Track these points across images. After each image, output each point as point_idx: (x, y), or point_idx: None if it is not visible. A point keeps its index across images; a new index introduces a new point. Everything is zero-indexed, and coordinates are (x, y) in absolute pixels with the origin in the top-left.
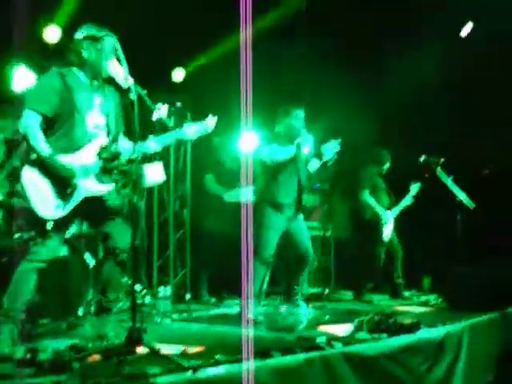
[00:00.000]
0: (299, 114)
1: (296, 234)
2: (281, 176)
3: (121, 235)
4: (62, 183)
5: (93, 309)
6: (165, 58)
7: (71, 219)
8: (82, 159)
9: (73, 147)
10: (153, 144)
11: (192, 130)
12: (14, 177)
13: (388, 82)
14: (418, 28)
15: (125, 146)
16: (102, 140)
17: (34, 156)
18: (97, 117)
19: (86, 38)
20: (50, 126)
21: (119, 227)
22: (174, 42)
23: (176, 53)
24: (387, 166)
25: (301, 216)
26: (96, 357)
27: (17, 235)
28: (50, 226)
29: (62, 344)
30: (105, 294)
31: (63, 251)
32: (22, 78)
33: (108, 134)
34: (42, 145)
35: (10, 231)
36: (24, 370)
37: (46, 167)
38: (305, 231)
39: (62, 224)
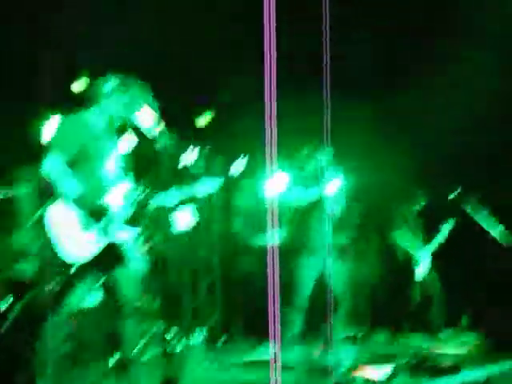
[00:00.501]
0: (326, 152)
1: (331, 276)
2: (311, 218)
3: (129, 286)
4: (92, 224)
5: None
6: (192, 100)
7: (95, 263)
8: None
9: (94, 193)
10: (172, 199)
11: (206, 187)
12: None
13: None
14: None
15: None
16: (125, 186)
17: (60, 199)
18: (118, 162)
19: (109, 86)
20: (71, 169)
21: (130, 277)
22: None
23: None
24: (422, 205)
25: (334, 258)
26: None
27: (51, 286)
28: (73, 270)
29: None
30: (121, 344)
31: (96, 300)
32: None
33: (126, 177)
34: (68, 188)
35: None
36: None
37: (75, 206)
38: (339, 274)
39: (88, 268)
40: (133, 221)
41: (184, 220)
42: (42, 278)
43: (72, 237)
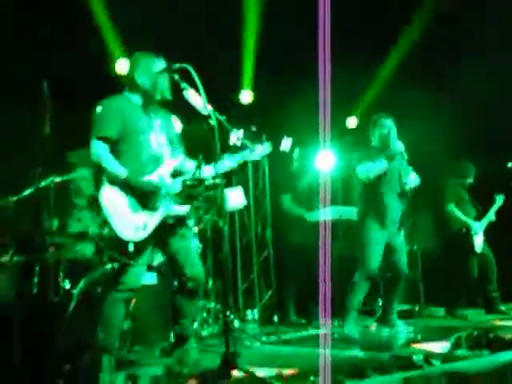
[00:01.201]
0: (388, 124)
1: (397, 250)
2: (380, 191)
3: (190, 263)
4: (143, 202)
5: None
6: (235, 81)
7: (150, 242)
8: (159, 179)
9: (141, 168)
10: (227, 163)
11: (258, 152)
12: None
13: (468, 90)
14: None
15: (189, 166)
16: (171, 160)
17: (110, 179)
18: (159, 137)
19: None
20: (116, 149)
21: (190, 254)
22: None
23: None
24: (471, 178)
25: (401, 232)
26: (193, 382)
27: (108, 265)
28: (131, 248)
29: (158, 370)
30: (177, 321)
31: (153, 279)
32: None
33: (172, 153)
34: (118, 168)
35: (102, 262)
36: None
37: (125, 187)
38: (404, 248)
39: (143, 247)
40: (191, 199)
41: (236, 198)
42: (101, 258)
43: (125, 218)
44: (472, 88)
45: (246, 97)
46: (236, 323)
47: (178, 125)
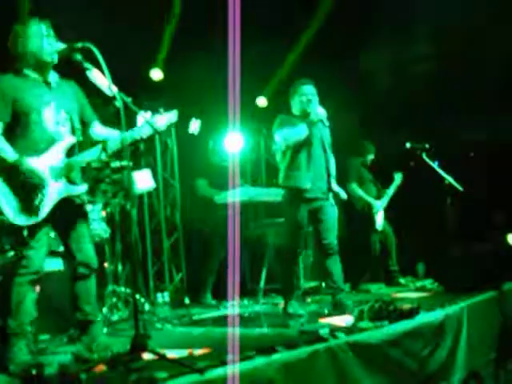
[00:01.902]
0: (309, 90)
1: (323, 222)
2: (301, 159)
3: (80, 248)
4: (32, 188)
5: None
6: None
7: (44, 225)
8: (51, 160)
9: (34, 148)
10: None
11: (162, 121)
12: None
13: (369, 71)
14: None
15: (103, 131)
16: (68, 139)
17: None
18: (55, 113)
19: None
20: (8, 131)
21: (80, 239)
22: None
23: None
24: (371, 156)
25: (330, 202)
26: (102, 367)
27: (10, 253)
28: (25, 233)
29: (66, 357)
30: (78, 308)
31: (58, 265)
32: None
33: (72, 130)
34: (5, 149)
35: (3, 250)
36: None
37: (13, 172)
38: (333, 219)
39: (37, 230)
40: (98, 183)
41: (144, 181)
42: (2, 246)
43: (16, 203)
44: (373, 68)
45: (156, 75)
46: (146, 307)
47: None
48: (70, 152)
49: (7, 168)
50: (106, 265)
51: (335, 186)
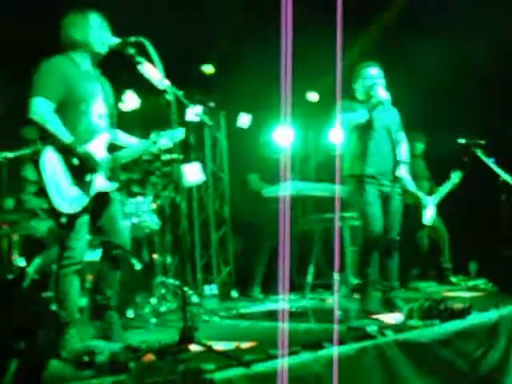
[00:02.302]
0: (373, 72)
1: (388, 216)
2: (363, 145)
3: (115, 231)
4: (81, 174)
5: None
6: (194, 56)
7: (84, 214)
8: (96, 152)
9: (80, 140)
10: (165, 140)
11: (164, 141)
12: None
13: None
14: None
15: (123, 137)
16: (107, 134)
17: (54, 144)
18: (100, 107)
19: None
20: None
21: (116, 222)
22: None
23: (207, 49)
24: (419, 147)
25: (397, 191)
26: (151, 356)
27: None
28: (63, 220)
29: (117, 346)
30: (100, 290)
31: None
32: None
33: (110, 126)
34: (61, 130)
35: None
36: (83, 372)
37: (67, 155)
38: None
39: (77, 219)
40: (148, 175)
41: (194, 174)
42: (55, 235)
43: (62, 189)
44: (430, 64)
45: (208, 69)
46: (194, 299)
47: (134, 100)
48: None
49: (63, 149)
50: (155, 256)
51: (403, 172)
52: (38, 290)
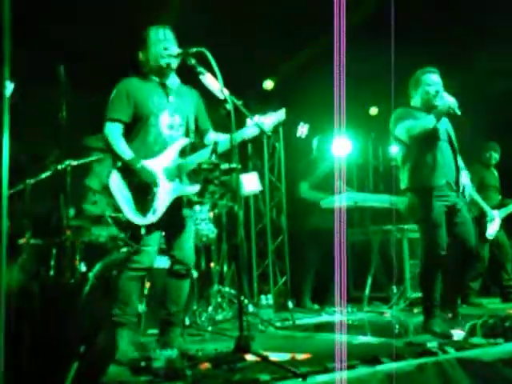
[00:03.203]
0: (435, 79)
1: (459, 225)
2: (428, 155)
3: (180, 245)
4: (146, 187)
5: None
6: (255, 67)
7: (159, 224)
8: (165, 162)
9: (149, 150)
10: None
11: (270, 120)
12: None
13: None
14: None
15: (220, 137)
16: (182, 140)
17: (119, 163)
18: (170, 118)
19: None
20: (128, 132)
21: (182, 236)
22: (263, 49)
23: (266, 61)
24: (495, 156)
25: (464, 200)
26: (207, 365)
27: (124, 249)
28: (143, 231)
29: (173, 353)
30: (165, 306)
31: (167, 263)
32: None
33: (187, 133)
34: (123, 149)
35: (118, 246)
36: (140, 377)
37: (130, 172)
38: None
39: (153, 229)
40: (207, 184)
41: (251, 183)
42: (116, 242)
43: (134, 203)
44: (497, 70)
45: (269, 85)
46: (250, 308)
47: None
48: (183, 154)
49: (125, 167)
50: (212, 265)
51: (466, 180)
52: (99, 295)
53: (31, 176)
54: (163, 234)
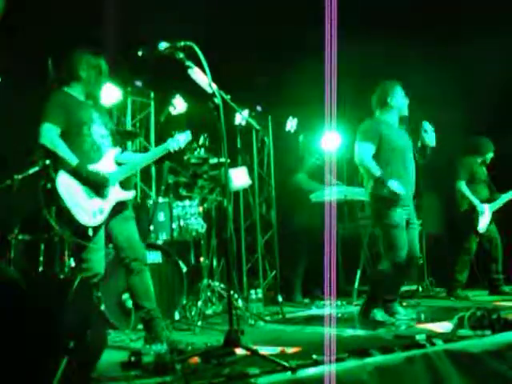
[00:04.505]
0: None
1: (411, 233)
2: (394, 165)
3: (130, 245)
4: (94, 189)
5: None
6: (244, 61)
7: (103, 225)
8: (105, 168)
9: (85, 158)
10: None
11: (181, 139)
12: None
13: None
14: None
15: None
16: (115, 149)
17: (64, 166)
18: (99, 128)
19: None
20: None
21: (130, 236)
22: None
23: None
24: (490, 155)
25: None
26: (196, 359)
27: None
28: (90, 232)
29: (163, 347)
30: (139, 306)
31: (157, 257)
32: (109, 94)
33: (114, 143)
34: (69, 154)
35: None
36: (130, 372)
37: (76, 176)
38: (417, 230)
39: (99, 230)
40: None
41: (241, 178)
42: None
43: (82, 204)
44: (489, 63)
45: (258, 80)
46: (240, 303)
47: (181, 104)
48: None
49: (73, 171)
50: (201, 259)
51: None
52: (88, 291)
53: (19, 171)
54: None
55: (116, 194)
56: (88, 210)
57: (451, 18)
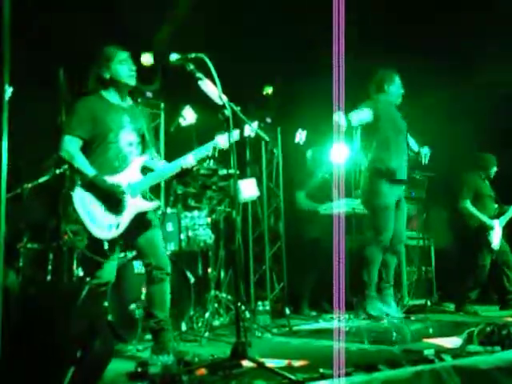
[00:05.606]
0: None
1: (399, 216)
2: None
3: (154, 253)
4: (112, 202)
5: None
6: (254, 74)
7: (121, 238)
8: (129, 178)
9: (108, 166)
10: (191, 158)
11: (224, 139)
12: None
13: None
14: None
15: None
16: (142, 157)
17: (81, 179)
18: (128, 135)
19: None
20: (86, 148)
21: (154, 244)
22: (263, 57)
23: (265, 69)
24: (493, 170)
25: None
26: (203, 370)
27: (121, 254)
28: (105, 246)
29: (169, 358)
30: (151, 314)
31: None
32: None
33: (144, 150)
34: (86, 166)
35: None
36: (136, 383)
37: (94, 188)
38: (405, 214)
39: (115, 243)
40: (205, 189)
41: (249, 189)
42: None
43: (98, 218)
44: (494, 79)
45: (269, 91)
46: (247, 314)
47: (191, 115)
48: (144, 170)
49: (89, 183)
50: (209, 270)
51: None
52: (96, 300)
53: (29, 180)
54: (134, 245)
55: (137, 204)
56: (103, 223)
57: (464, 46)
